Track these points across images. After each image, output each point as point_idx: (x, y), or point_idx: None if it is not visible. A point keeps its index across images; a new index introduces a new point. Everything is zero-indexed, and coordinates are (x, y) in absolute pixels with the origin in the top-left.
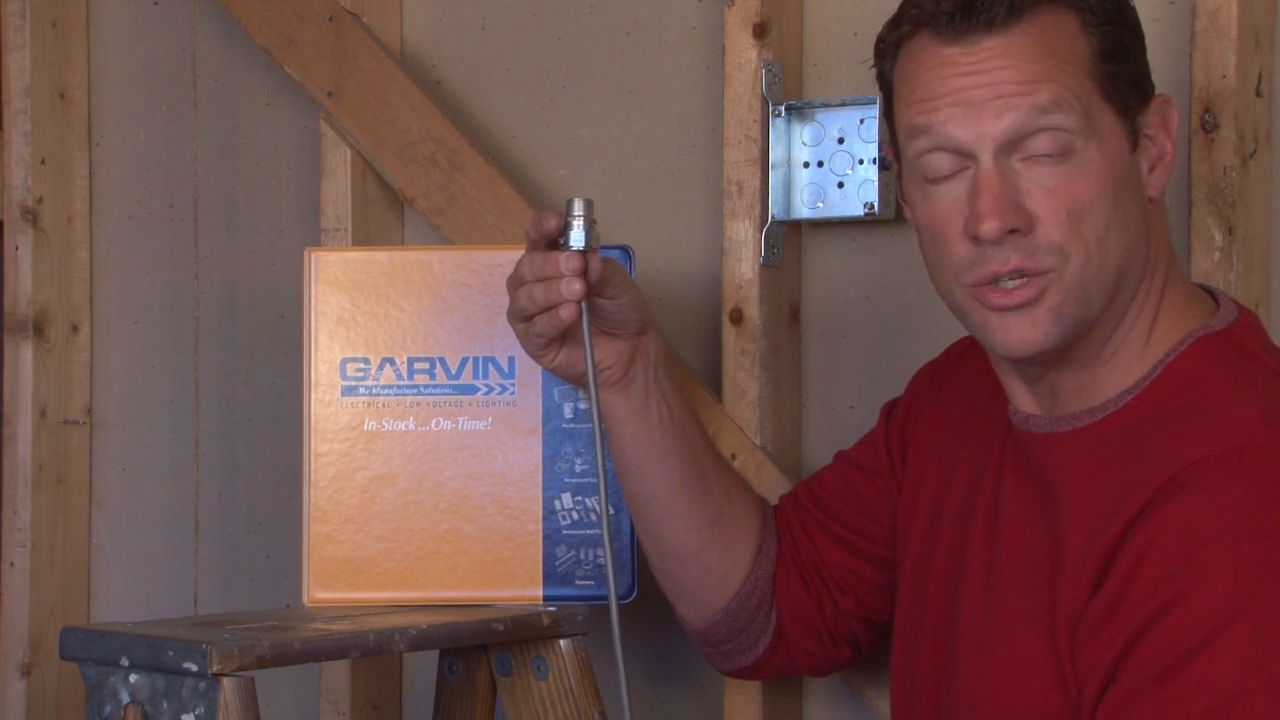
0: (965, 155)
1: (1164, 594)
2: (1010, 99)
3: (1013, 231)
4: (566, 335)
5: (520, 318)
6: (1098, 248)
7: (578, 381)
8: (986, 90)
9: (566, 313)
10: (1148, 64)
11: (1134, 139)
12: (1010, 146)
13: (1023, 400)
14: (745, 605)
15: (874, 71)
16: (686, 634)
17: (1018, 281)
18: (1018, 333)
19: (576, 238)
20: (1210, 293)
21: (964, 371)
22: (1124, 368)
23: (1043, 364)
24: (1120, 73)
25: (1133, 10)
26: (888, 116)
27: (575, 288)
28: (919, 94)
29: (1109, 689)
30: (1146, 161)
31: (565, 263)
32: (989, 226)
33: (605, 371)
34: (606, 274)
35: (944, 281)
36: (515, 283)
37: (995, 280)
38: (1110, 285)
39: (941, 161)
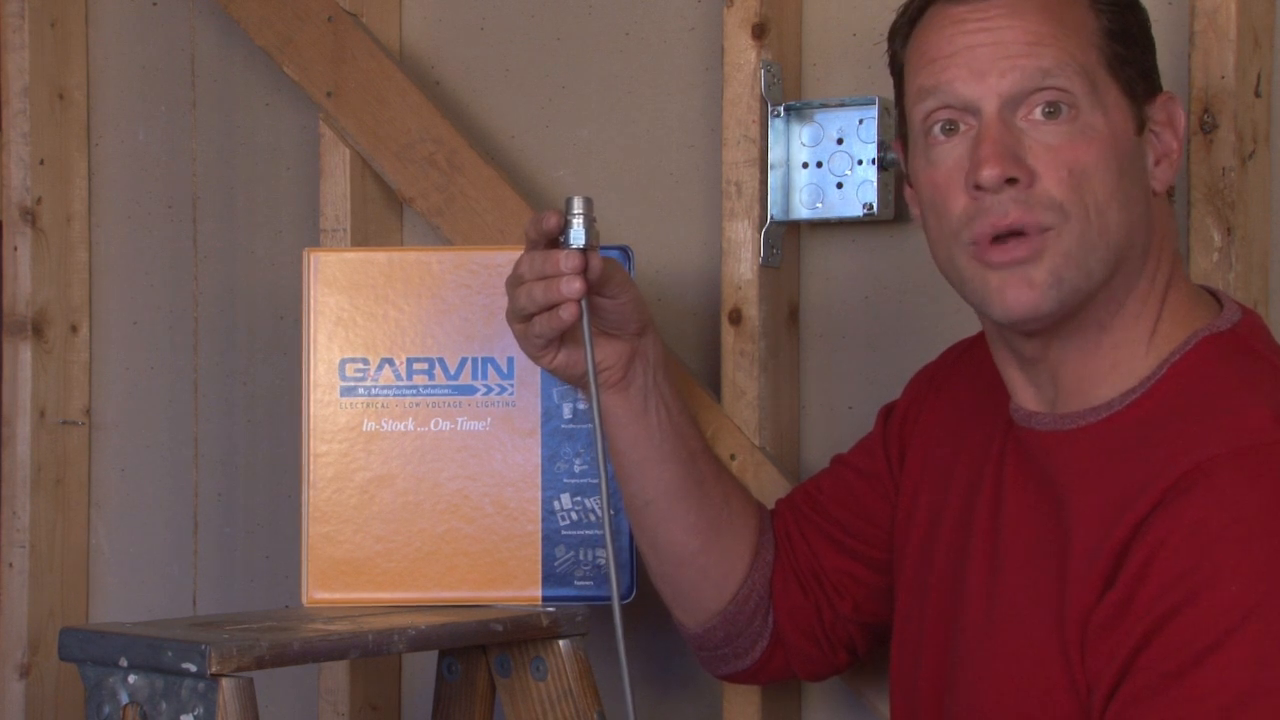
0: (970, 111)
1: (1175, 594)
2: (1015, 60)
3: (1012, 182)
4: (565, 336)
5: (519, 318)
6: (1098, 214)
7: (577, 382)
8: (993, 49)
9: (567, 312)
10: (1156, 63)
11: (1140, 124)
12: (1014, 103)
13: (1024, 395)
14: (742, 609)
15: (884, 63)
16: (683, 639)
17: (1016, 240)
18: (1014, 293)
19: (576, 236)
20: (1213, 294)
21: (962, 374)
22: (1127, 366)
23: (1041, 338)
24: (1128, 56)
25: (1144, 9)
26: (898, 103)
27: (575, 286)
28: (929, 55)
29: (1119, 689)
30: (1152, 154)
31: (565, 261)
32: (988, 172)
33: (605, 372)
34: (607, 273)
35: (944, 248)
36: (514, 282)
37: (994, 237)
38: (1109, 259)
39: (947, 120)
